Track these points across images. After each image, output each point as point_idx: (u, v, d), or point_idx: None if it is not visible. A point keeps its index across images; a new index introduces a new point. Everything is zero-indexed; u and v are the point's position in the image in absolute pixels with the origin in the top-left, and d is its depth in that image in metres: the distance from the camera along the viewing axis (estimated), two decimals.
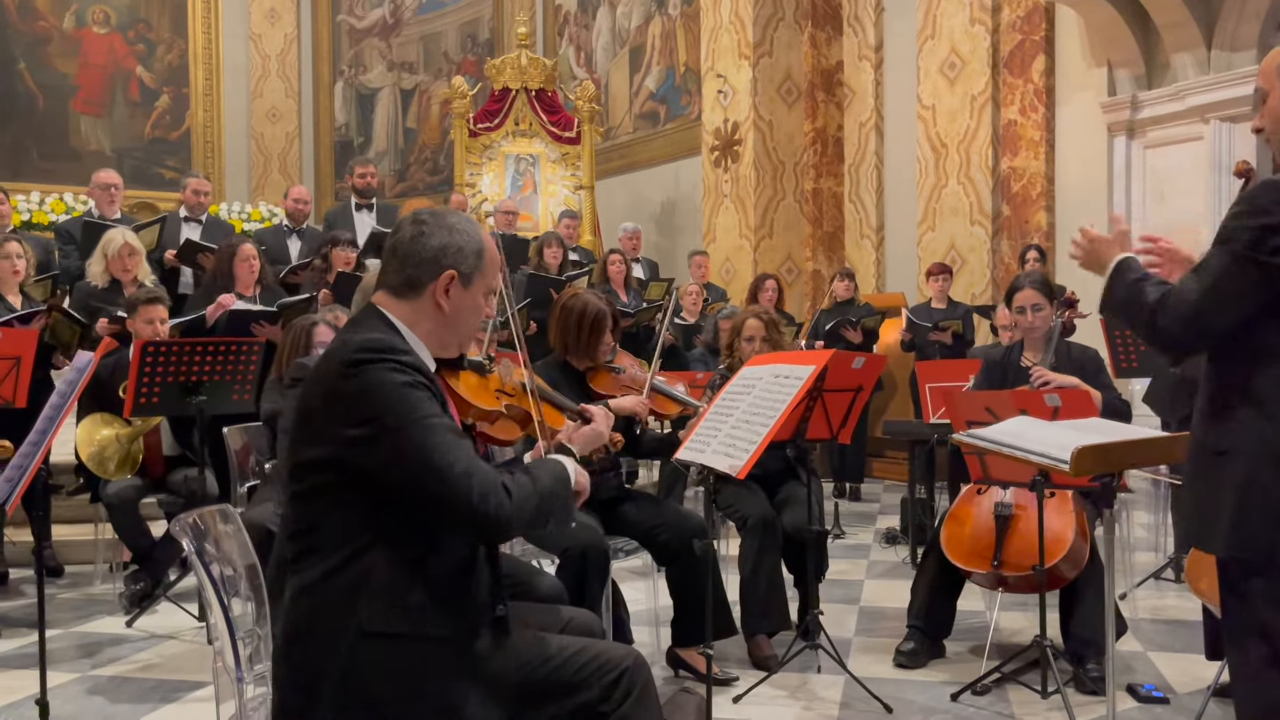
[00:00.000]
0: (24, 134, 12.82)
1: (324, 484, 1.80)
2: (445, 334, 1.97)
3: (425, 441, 1.74)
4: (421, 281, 1.91)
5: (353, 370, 1.78)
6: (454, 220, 1.96)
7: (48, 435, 2.06)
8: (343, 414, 1.77)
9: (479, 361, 2.39)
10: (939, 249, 8.32)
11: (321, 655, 1.76)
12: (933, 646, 3.76)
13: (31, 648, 3.98)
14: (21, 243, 5.09)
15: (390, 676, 1.76)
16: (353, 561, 1.77)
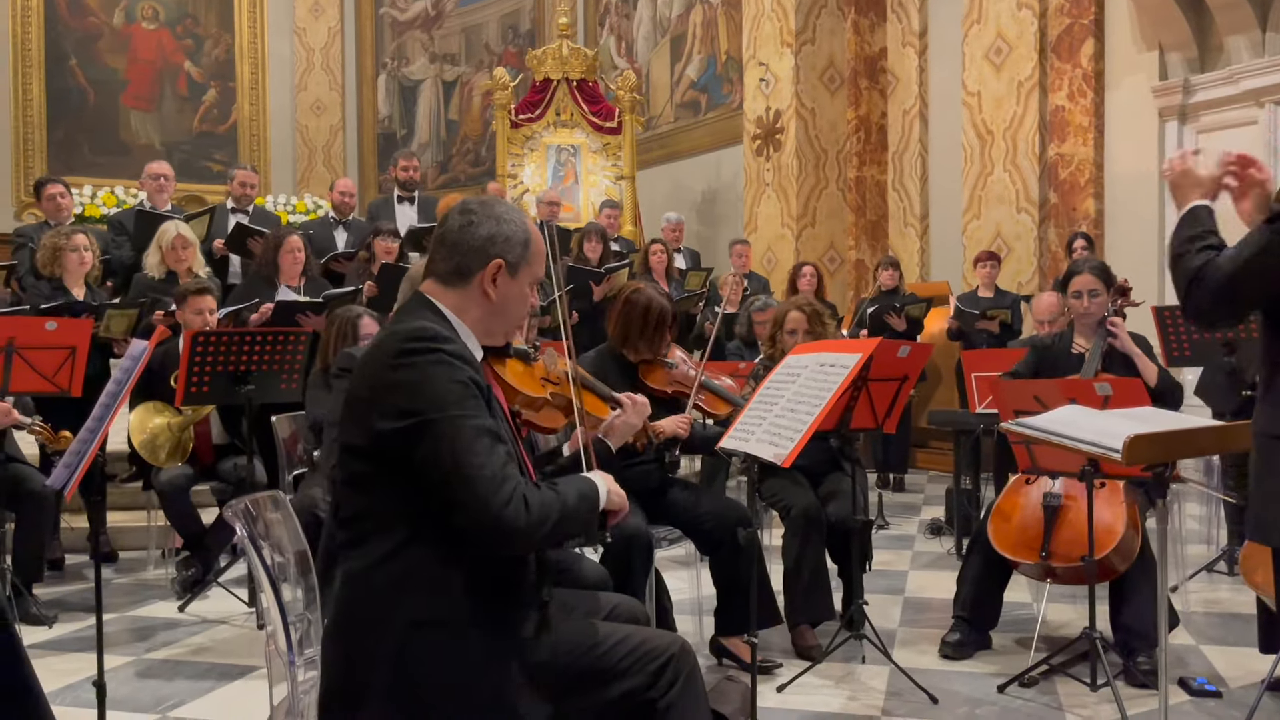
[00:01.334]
0: (76, 129, 13.05)
1: (369, 473, 1.81)
2: (492, 322, 1.98)
3: (458, 440, 1.75)
4: (470, 270, 1.93)
5: (401, 360, 1.79)
6: (501, 210, 1.97)
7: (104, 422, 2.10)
8: (387, 404, 1.79)
9: (524, 350, 2.41)
10: (984, 237, 8.21)
11: (370, 642, 1.78)
12: (979, 638, 3.73)
13: (87, 631, 4.08)
14: (88, 234, 5.20)
15: (438, 664, 1.77)
16: (399, 550, 1.79)
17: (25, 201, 12.19)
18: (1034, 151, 7.94)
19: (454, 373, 1.79)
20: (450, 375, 1.79)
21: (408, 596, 1.77)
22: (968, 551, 3.88)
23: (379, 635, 1.77)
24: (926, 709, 3.19)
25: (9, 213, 12.17)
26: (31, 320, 4.05)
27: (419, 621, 1.77)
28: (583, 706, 1.87)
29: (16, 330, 3.78)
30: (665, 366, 3.57)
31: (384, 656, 1.76)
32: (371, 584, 1.79)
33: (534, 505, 1.78)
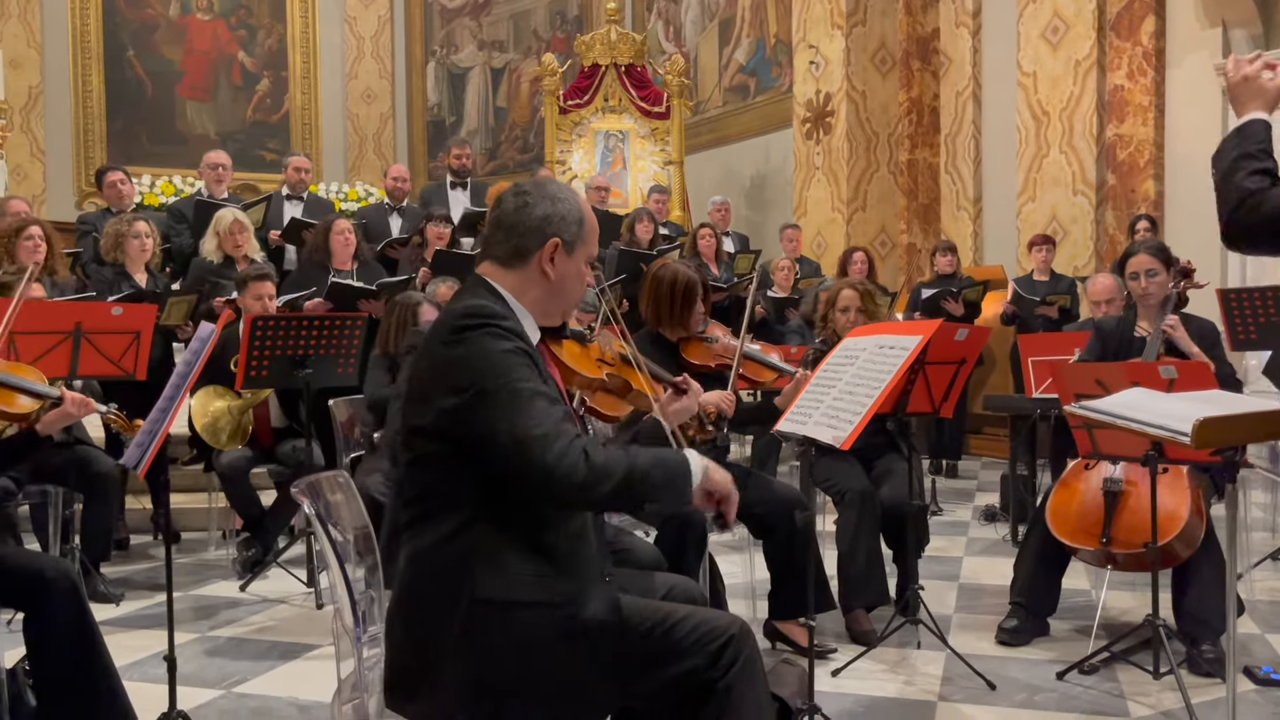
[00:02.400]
0: (134, 120, 13.30)
1: (432, 452, 1.83)
2: (551, 302, 1.99)
3: (512, 405, 1.75)
4: (528, 250, 1.94)
5: (456, 337, 1.81)
6: (555, 189, 1.98)
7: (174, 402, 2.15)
8: (445, 381, 1.80)
9: (580, 331, 2.42)
10: (1039, 220, 8.08)
11: (435, 620, 1.80)
12: (1036, 624, 3.68)
13: (152, 609, 4.18)
14: (148, 222, 5.31)
15: (502, 642, 1.78)
16: (463, 529, 1.80)
17: (86, 191, 12.46)
18: (1091, 132, 7.80)
19: (507, 344, 1.80)
20: (504, 347, 1.80)
21: (471, 574, 1.79)
22: (1025, 537, 3.84)
23: (443, 613, 1.79)
24: (984, 695, 3.16)
25: (71, 202, 12.45)
26: (98, 305, 4.15)
27: (483, 599, 1.78)
28: (642, 685, 1.88)
29: (84, 315, 3.87)
30: (705, 342, 3.56)
31: (448, 634, 1.78)
32: (436, 562, 1.81)
33: (595, 460, 1.75)
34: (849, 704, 3.09)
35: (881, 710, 3.07)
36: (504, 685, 1.78)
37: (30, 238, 4.68)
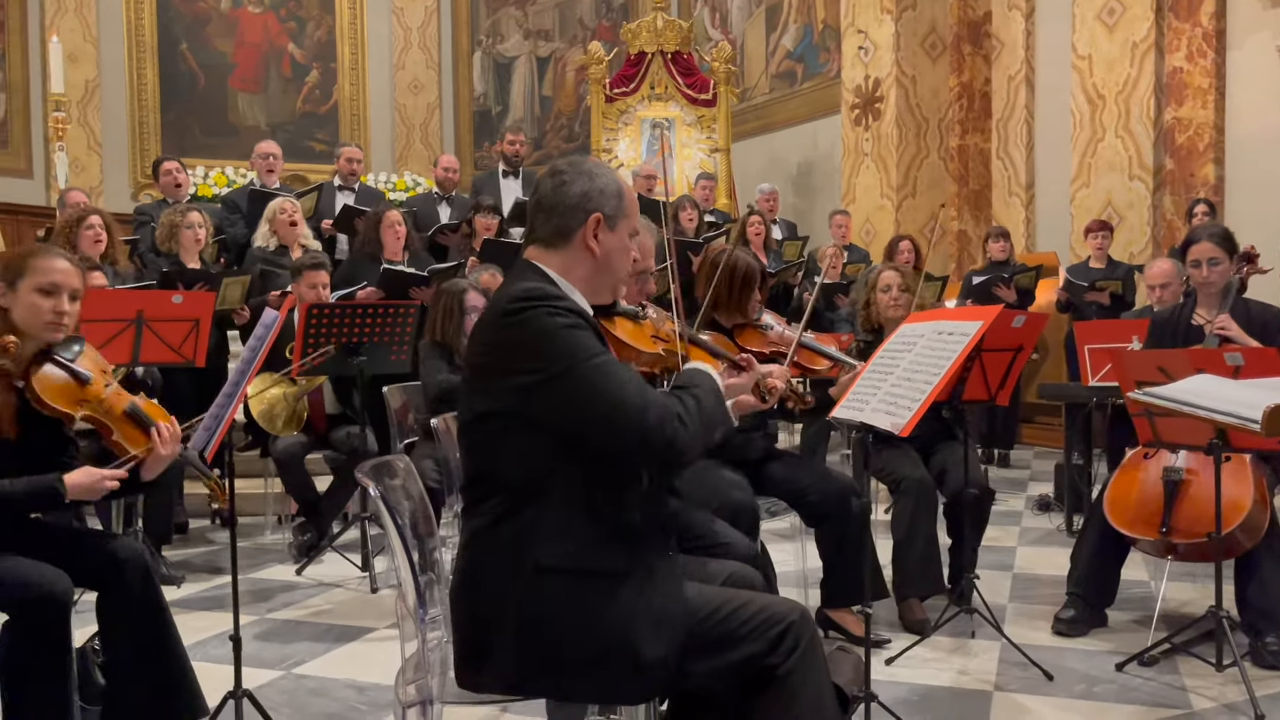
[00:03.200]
0: (186, 112, 13.50)
1: (496, 432, 1.83)
2: (598, 278, 1.99)
3: (598, 380, 1.76)
4: (570, 228, 1.93)
5: (511, 319, 1.81)
6: (590, 166, 1.99)
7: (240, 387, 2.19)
8: (508, 362, 1.81)
9: (632, 310, 2.39)
10: (1094, 206, 7.93)
11: (497, 591, 1.81)
12: (1094, 615, 3.63)
13: (212, 591, 4.27)
14: (201, 212, 5.41)
15: (564, 609, 1.79)
16: (526, 504, 1.81)
17: (142, 182, 12.69)
18: (1149, 116, 7.63)
19: (566, 323, 1.80)
20: (562, 326, 1.79)
21: (533, 545, 1.80)
22: (1083, 527, 3.79)
23: (506, 583, 1.80)
24: (1041, 685, 3.13)
25: (127, 193, 12.68)
26: (159, 294, 4.23)
27: (545, 568, 1.79)
28: (701, 668, 1.88)
29: (145, 303, 3.94)
30: (761, 329, 3.54)
31: (512, 603, 1.79)
32: (499, 536, 1.83)
33: (687, 418, 1.81)
34: (904, 692, 3.08)
35: (937, 699, 3.05)
36: (564, 654, 1.79)
37: (91, 227, 4.78)
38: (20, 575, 2.36)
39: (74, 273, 2.54)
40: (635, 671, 1.81)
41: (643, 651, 1.80)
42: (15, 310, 2.47)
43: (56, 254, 2.56)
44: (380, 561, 4.43)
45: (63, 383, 2.47)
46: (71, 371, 2.48)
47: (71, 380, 2.48)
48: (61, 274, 2.50)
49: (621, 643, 1.80)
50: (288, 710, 2.96)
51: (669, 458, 1.80)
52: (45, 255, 2.54)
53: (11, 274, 2.50)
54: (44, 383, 2.43)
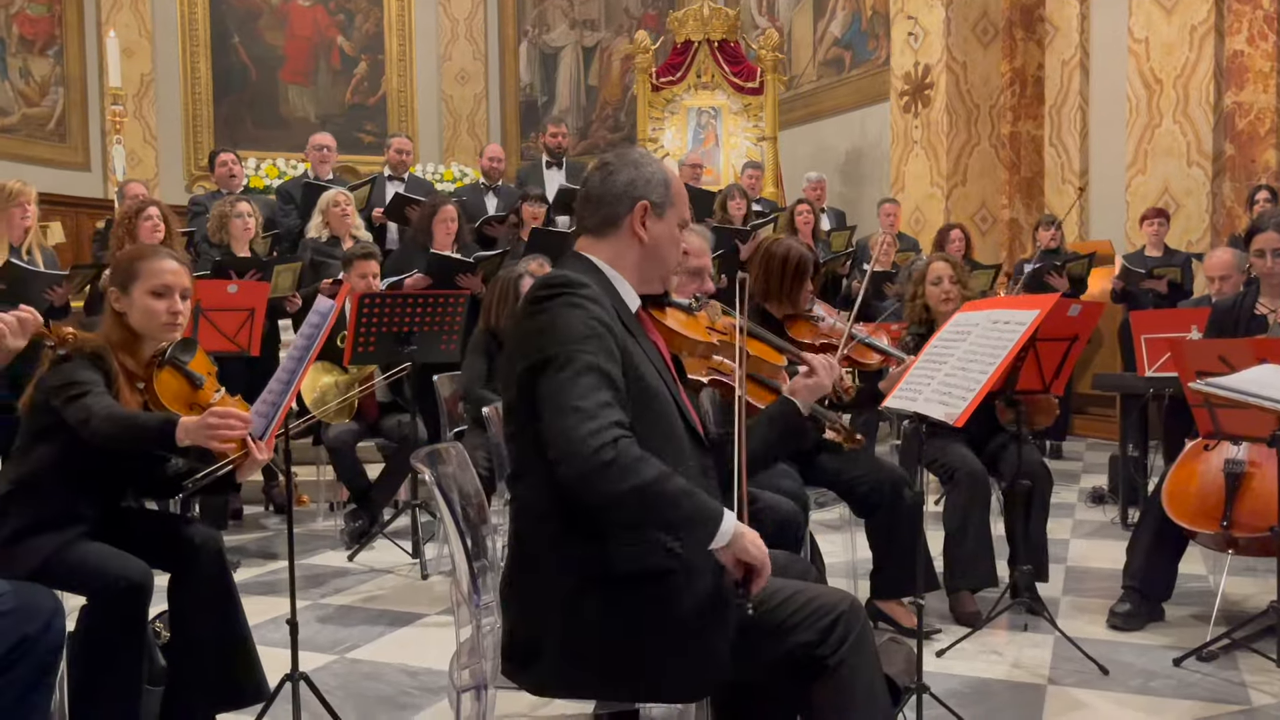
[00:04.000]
0: (239, 104, 13.68)
1: (524, 424, 1.82)
2: (648, 266, 1.98)
3: (564, 371, 1.72)
4: (618, 216, 1.94)
5: (534, 308, 1.82)
6: (636, 155, 1.99)
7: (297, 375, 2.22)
8: (521, 354, 1.81)
9: (684, 303, 2.36)
10: (1150, 193, 7.78)
11: (539, 596, 1.82)
12: (1151, 609, 3.57)
13: (266, 576, 4.34)
14: (251, 203, 5.49)
15: (606, 615, 1.79)
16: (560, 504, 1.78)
17: (196, 174, 12.90)
18: (1208, 100, 7.46)
19: (580, 314, 1.78)
20: (575, 315, 1.78)
21: (572, 551, 1.79)
22: (1139, 520, 3.72)
23: (547, 590, 1.81)
24: (1096, 679, 3.09)
25: (181, 185, 12.90)
26: (215, 283, 4.29)
27: (586, 576, 1.79)
28: (752, 659, 1.87)
29: (202, 293, 4.00)
30: (812, 321, 3.52)
31: (554, 611, 1.80)
32: (540, 539, 1.83)
33: (624, 455, 1.67)
34: (955, 684, 3.05)
35: (989, 692, 3.02)
36: (611, 658, 1.79)
37: (149, 218, 4.86)
38: (104, 563, 2.41)
39: (183, 272, 2.57)
40: (684, 671, 1.81)
41: (691, 650, 1.80)
42: (131, 314, 2.51)
43: (165, 255, 2.59)
44: (430, 548, 4.48)
45: (179, 386, 2.53)
46: (187, 374, 2.53)
47: (187, 384, 2.53)
48: (172, 274, 2.53)
49: (668, 643, 1.79)
50: (341, 693, 3.00)
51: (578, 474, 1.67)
52: (155, 257, 2.56)
53: (124, 278, 2.53)
54: (163, 385, 2.49)
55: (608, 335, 1.79)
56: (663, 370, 1.93)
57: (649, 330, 2.02)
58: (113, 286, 2.55)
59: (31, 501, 2.44)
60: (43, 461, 2.48)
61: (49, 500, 2.45)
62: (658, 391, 1.86)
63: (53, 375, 2.34)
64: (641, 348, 1.88)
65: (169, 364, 2.54)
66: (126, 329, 2.53)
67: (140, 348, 2.55)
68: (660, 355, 1.98)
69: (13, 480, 2.48)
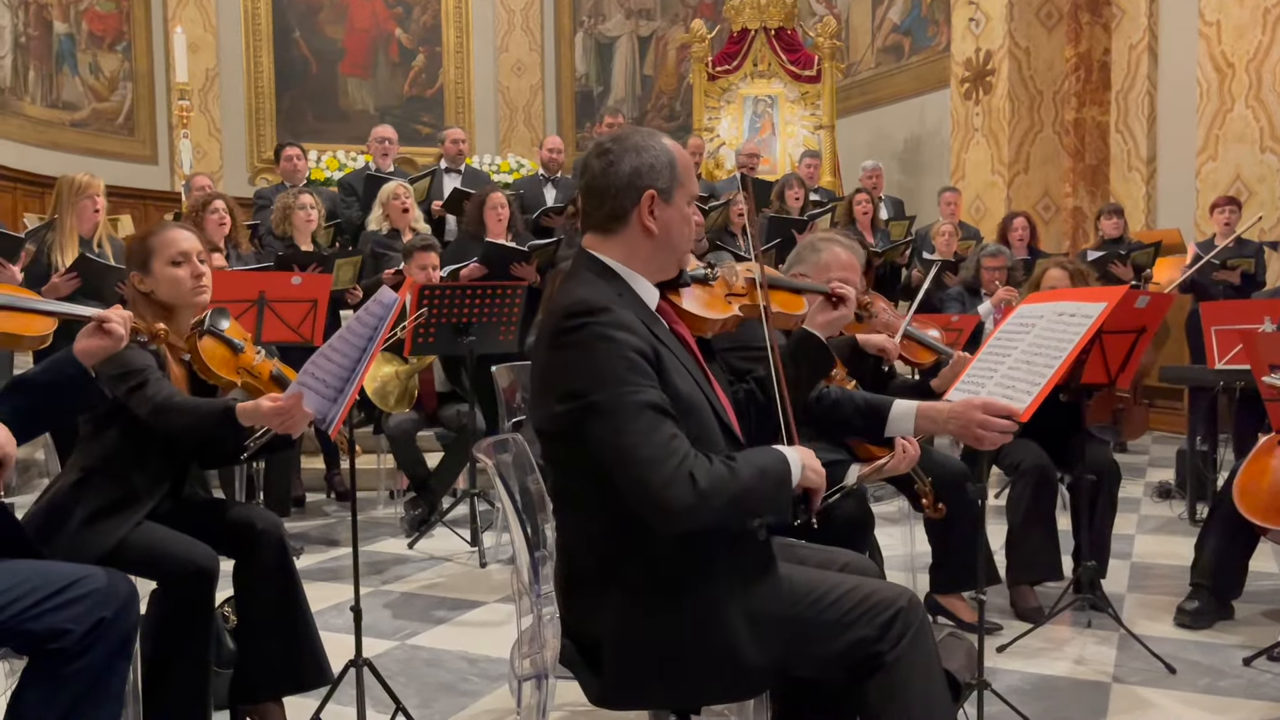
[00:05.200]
0: (300, 97, 13.89)
1: (558, 451, 1.82)
2: (662, 256, 1.91)
3: (615, 418, 1.68)
4: (625, 209, 1.86)
5: (559, 340, 1.76)
6: (638, 139, 1.89)
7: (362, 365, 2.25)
8: (555, 386, 1.77)
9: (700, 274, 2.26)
10: (1221, 180, 7.57)
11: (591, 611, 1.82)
12: (1219, 607, 3.50)
13: (329, 563, 4.42)
14: (313, 194, 5.59)
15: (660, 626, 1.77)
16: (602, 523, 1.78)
17: (259, 166, 13.14)
18: None
19: (614, 347, 1.72)
20: (610, 350, 1.72)
21: (618, 564, 1.78)
22: (1209, 516, 3.64)
23: (596, 602, 1.80)
24: (1162, 678, 3.03)
25: (244, 177, 13.15)
26: (280, 275, 4.38)
27: (631, 585, 1.78)
28: (809, 654, 1.86)
29: (266, 284, 4.09)
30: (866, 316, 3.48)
31: (603, 625, 1.79)
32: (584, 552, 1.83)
33: (702, 481, 1.67)
34: (1017, 681, 3.01)
35: (1052, 689, 2.98)
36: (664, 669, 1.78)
37: (215, 211, 4.97)
38: (173, 548, 2.47)
39: (194, 237, 2.63)
40: (737, 674, 1.80)
41: (743, 653, 1.79)
42: (159, 289, 2.56)
43: (170, 225, 2.66)
44: (489, 536, 4.53)
45: (224, 352, 2.59)
46: (227, 341, 2.60)
47: (229, 349, 2.60)
48: (185, 240, 2.59)
49: (719, 648, 1.78)
50: (403, 679, 3.05)
51: (664, 520, 1.69)
52: (162, 230, 2.62)
53: (141, 258, 2.59)
54: (209, 353, 2.56)
55: (643, 361, 1.74)
56: (694, 371, 1.89)
57: (672, 322, 1.97)
58: (133, 271, 2.60)
59: (103, 485, 2.50)
60: (108, 446, 2.54)
61: (118, 483, 2.51)
62: (693, 401, 1.83)
63: (108, 364, 2.38)
64: (672, 353, 1.84)
65: (208, 333, 2.60)
66: (158, 305, 2.58)
67: (176, 320, 2.59)
68: (689, 352, 1.94)
69: (83, 467, 2.55)
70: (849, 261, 2.92)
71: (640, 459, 1.66)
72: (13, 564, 2.06)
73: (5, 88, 11.33)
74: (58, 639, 1.99)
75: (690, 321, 2.05)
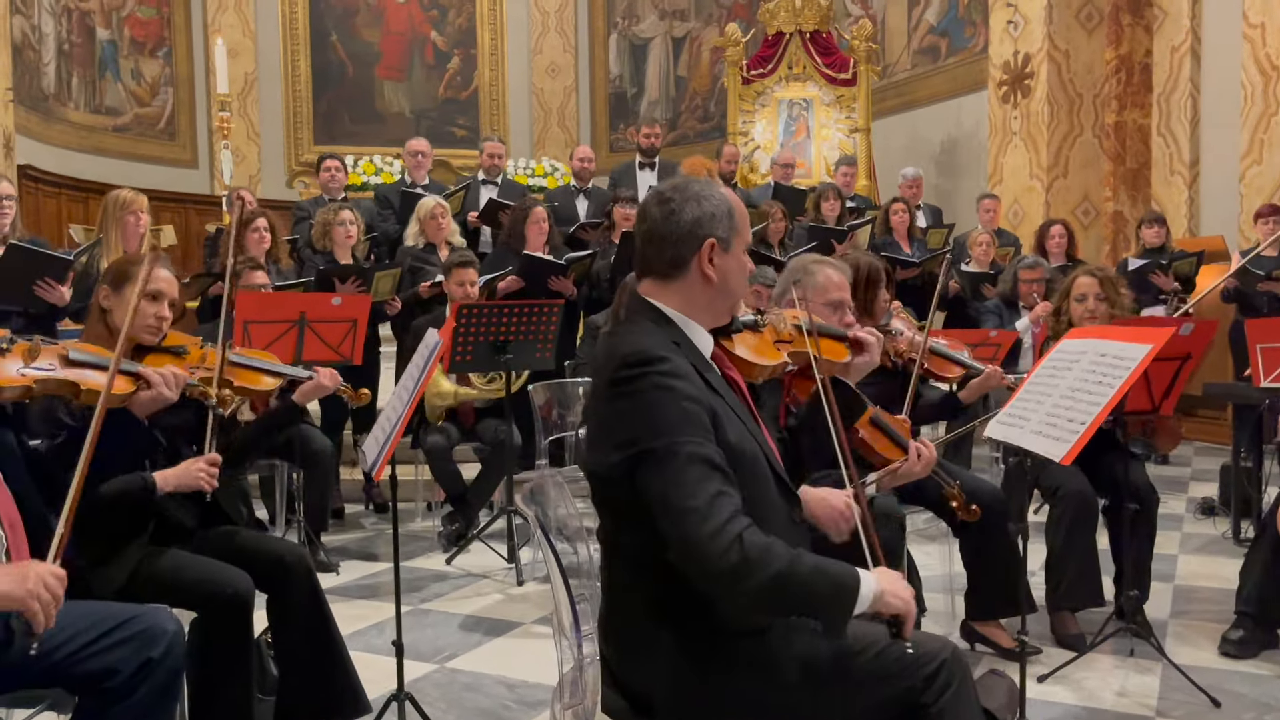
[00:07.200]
0: (336, 100, 14.01)
1: (613, 498, 1.82)
2: (718, 303, 1.94)
3: (667, 469, 1.69)
4: (684, 258, 1.88)
5: (618, 390, 1.77)
6: (698, 188, 1.92)
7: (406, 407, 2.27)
8: (612, 434, 1.77)
9: (750, 320, 2.30)
10: (1267, 185, 7.44)
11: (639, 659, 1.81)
12: (1266, 636, 3.44)
13: (368, 579, 4.47)
14: (353, 210, 5.64)
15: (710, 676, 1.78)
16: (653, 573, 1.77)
17: (296, 170, 13.27)
18: None
19: (672, 396, 1.73)
20: (667, 399, 1.73)
21: (669, 613, 1.78)
22: (1254, 541, 3.59)
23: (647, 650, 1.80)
24: (1207, 712, 2.99)
25: (282, 180, 13.29)
26: (320, 296, 4.43)
27: (687, 635, 1.78)
28: (856, 706, 1.87)
29: (307, 305, 4.13)
30: (888, 334, 3.47)
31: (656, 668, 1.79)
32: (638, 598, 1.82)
33: (751, 549, 1.64)
34: (1058, 714, 2.99)
35: None
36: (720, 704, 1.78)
37: (257, 230, 5.03)
38: (208, 575, 2.53)
39: (175, 283, 2.72)
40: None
41: (797, 703, 1.80)
42: (118, 313, 2.61)
43: (163, 263, 2.71)
44: (525, 553, 4.55)
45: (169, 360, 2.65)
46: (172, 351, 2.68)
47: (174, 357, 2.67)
48: (166, 282, 2.67)
49: (774, 698, 1.79)
50: (443, 704, 3.08)
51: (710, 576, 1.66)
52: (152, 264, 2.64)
53: (119, 279, 2.66)
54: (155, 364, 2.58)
55: (701, 412, 1.75)
56: (747, 419, 1.90)
57: (725, 367, 1.99)
58: (104, 284, 2.66)
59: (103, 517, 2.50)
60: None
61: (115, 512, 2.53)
62: (746, 452, 1.83)
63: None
64: (726, 402, 1.85)
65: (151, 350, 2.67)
66: (105, 326, 2.65)
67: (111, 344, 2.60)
68: (741, 398, 1.96)
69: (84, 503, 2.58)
70: (842, 282, 2.93)
71: (686, 509, 1.66)
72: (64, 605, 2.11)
73: (49, 94, 11.52)
74: (107, 679, 2.04)
75: (742, 367, 2.09)
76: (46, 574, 1.81)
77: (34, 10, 11.26)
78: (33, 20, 11.27)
